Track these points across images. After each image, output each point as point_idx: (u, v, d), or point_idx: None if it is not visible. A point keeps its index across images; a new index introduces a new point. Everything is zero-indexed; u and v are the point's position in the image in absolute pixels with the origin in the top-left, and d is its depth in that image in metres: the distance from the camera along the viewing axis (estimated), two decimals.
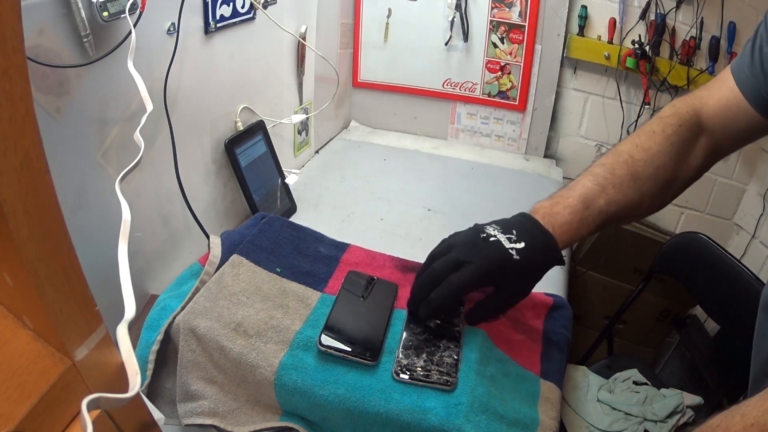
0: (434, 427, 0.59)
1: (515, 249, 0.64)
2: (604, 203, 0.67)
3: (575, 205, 0.67)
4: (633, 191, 0.68)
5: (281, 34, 1.09)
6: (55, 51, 0.61)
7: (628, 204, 0.68)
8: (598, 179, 0.68)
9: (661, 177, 0.69)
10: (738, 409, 0.46)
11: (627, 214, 0.70)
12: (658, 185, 0.69)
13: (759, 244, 1.39)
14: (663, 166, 0.69)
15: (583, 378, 1.06)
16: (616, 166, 0.69)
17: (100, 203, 0.71)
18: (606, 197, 0.67)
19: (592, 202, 0.67)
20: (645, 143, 0.69)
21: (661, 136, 0.69)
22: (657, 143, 0.69)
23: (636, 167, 0.68)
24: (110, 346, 0.39)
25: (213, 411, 0.64)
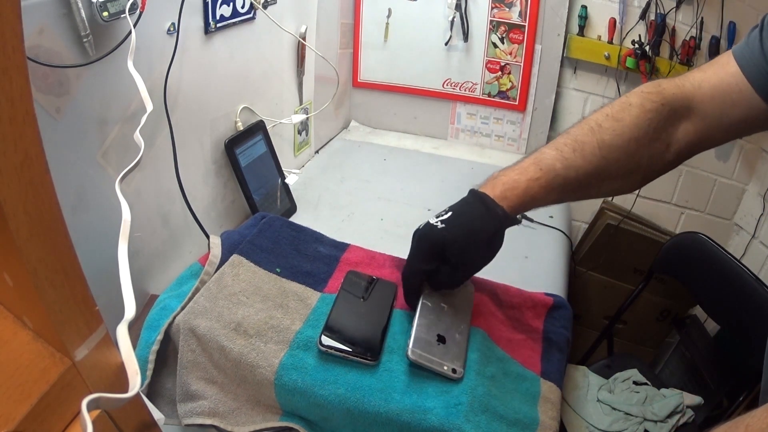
0: (434, 427, 0.59)
1: (440, 219, 0.65)
2: (562, 167, 0.64)
3: (527, 166, 0.65)
4: (597, 159, 0.65)
5: (281, 34, 1.09)
6: (55, 51, 0.61)
7: (591, 171, 0.65)
8: (557, 145, 0.66)
9: (632, 151, 0.65)
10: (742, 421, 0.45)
11: (592, 182, 0.66)
12: (628, 158, 0.66)
13: (759, 244, 1.39)
14: (635, 139, 0.65)
15: (583, 378, 1.06)
16: (580, 132, 0.66)
17: (100, 203, 0.71)
18: (564, 162, 0.64)
19: (548, 165, 0.64)
20: (618, 114, 0.66)
21: (638, 109, 0.65)
22: (632, 115, 0.65)
23: (603, 135, 0.65)
24: (110, 346, 0.39)
25: (213, 411, 0.64)
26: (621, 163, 0.65)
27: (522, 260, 1.05)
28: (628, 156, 0.65)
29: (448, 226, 0.63)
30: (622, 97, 0.68)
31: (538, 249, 1.09)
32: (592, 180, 0.66)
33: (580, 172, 0.64)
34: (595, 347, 1.33)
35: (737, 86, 0.63)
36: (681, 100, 0.66)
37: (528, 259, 1.05)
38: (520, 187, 0.64)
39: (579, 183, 0.65)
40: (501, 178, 0.65)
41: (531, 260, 1.05)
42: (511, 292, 0.81)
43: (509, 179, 0.65)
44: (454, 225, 0.64)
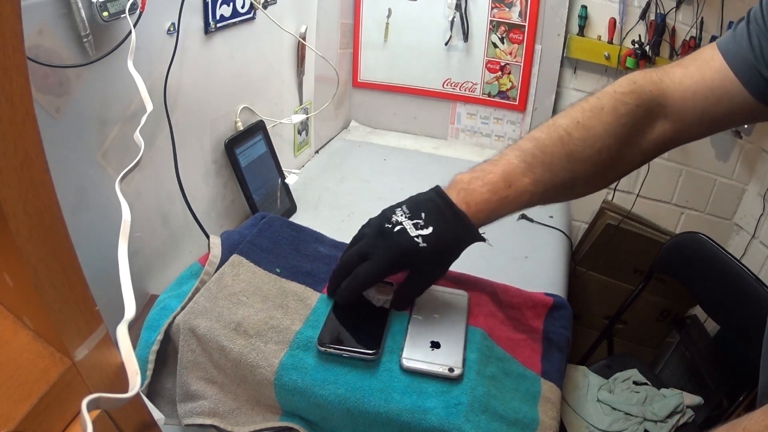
0: (434, 427, 0.59)
1: (421, 236, 0.62)
2: (530, 182, 0.62)
3: (496, 182, 0.63)
4: (565, 172, 0.63)
5: (281, 34, 1.09)
6: (55, 51, 0.61)
7: (558, 184, 0.63)
8: (526, 156, 0.63)
9: (603, 160, 0.63)
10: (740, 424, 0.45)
11: (556, 195, 0.66)
12: (597, 168, 0.63)
13: (759, 244, 1.39)
14: (606, 148, 0.62)
15: (583, 378, 1.06)
16: (549, 143, 0.63)
17: (100, 203, 0.71)
18: (533, 176, 0.62)
19: (516, 181, 0.62)
20: (588, 121, 0.62)
21: (610, 116, 0.62)
22: (603, 122, 0.62)
23: (572, 146, 0.62)
24: (110, 346, 0.39)
25: (213, 411, 0.64)
26: (590, 172, 0.64)
27: (522, 260, 1.05)
28: (597, 165, 0.63)
29: (430, 246, 0.61)
30: (593, 97, 0.65)
31: (538, 249, 1.09)
32: (559, 191, 0.65)
33: (548, 186, 0.63)
34: (595, 347, 1.33)
35: (722, 82, 0.60)
36: (658, 98, 0.63)
37: (528, 259, 1.05)
38: (490, 208, 0.63)
39: (544, 197, 0.65)
40: (473, 195, 0.63)
41: (531, 260, 1.05)
42: (511, 292, 0.81)
43: (481, 199, 0.63)
44: (436, 245, 0.62)
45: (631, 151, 0.64)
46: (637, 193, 1.52)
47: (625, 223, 1.48)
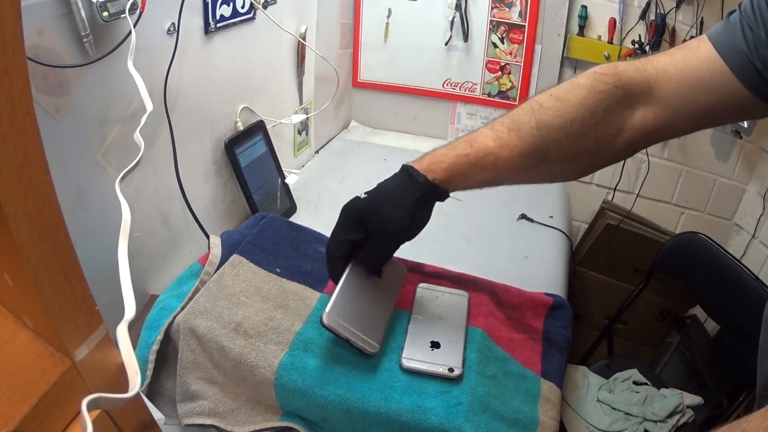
0: (434, 427, 0.59)
1: (365, 192, 0.66)
2: (494, 145, 0.63)
3: (458, 143, 0.65)
4: (534, 138, 0.62)
5: (281, 34, 1.09)
6: (55, 51, 0.61)
7: (526, 151, 0.62)
8: (494, 124, 0.65)
9: (575, 132, 0.61)
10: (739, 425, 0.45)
11: (528, 163, 0.64)
12: (570, 140, 0.62)
13: (759, 244, 1.39)
14: (578, 120, 0.61)
15: (583, 378, 1.06)
16: (520, 113, 0.64)
17: (100, 203, 0.71)
18: (498, 140, 0.63)
19: (478, 142, 0.63)
20: (562, 94, 0.62)
21: (586, 90, 0.62)
22: (578, 96, 0.62)
23: (543, 115, 0.62)
24: (110, 346, 0.39)
25: (213, 411, 0.64)
26: (561, 144, 0.62)
27: (522, 260, 1.05)
28: (569, 137, 0.62)
29: (369, 196, 0.65)
30: (573, 78, 0.65)
31: (538, 249, 1.09)
32: (528, 161, 0.63)
33: (515, 151, 0.62)
34: (595, 347, 1.33)
35: (709, 71, 0.59)
36: (640, 84, 0.62)
37: (528, 259, 1.05)
38: (447, 161, 0.63)
39: (513, 163, 0.63)
40: (429, 153, 0.65)
41: (531, 260, 1.05)
42: (511, 292, 0.81)
43: (437, 153, 0.64)
44: (376, 194, 0.65)
45: (606, 132, 0.63)
46: (637, 193, 1.52)
47: (625, 223, 1.48)
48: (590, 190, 1.58)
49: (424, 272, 0.83)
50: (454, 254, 1.02)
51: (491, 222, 1.13)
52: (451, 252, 1.03)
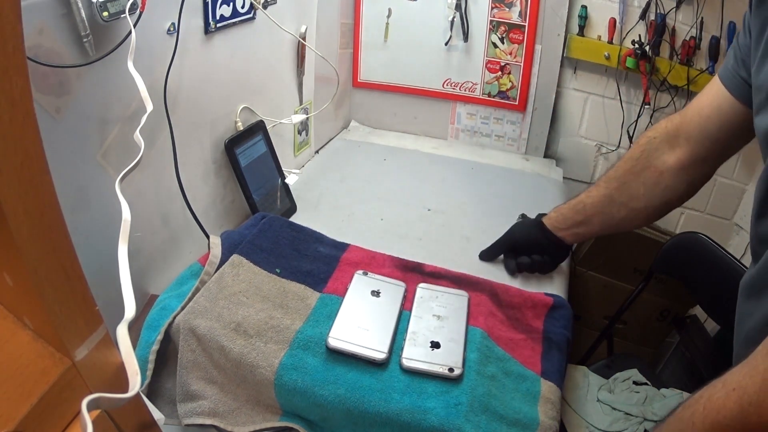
0: (434, 427, 0.59)
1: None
2: (584, 196, 0.87)
3: (564, 206, 0.93)
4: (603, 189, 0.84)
5: (281, 34, 1.09)
6: (55, 51, 0.61)
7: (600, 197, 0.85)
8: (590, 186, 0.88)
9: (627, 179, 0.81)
10: (720, 379, 0.47)
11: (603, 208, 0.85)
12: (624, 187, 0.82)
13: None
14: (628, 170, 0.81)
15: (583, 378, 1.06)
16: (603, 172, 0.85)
17: (100, 203, 0.71)
18: (587, 193, 0.87)
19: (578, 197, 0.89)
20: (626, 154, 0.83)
21: (635, 147, 0.81)
22: (628, 154, 0.82)
23: (609, 172, 0.85)
24: (110, 346, 0.39)
25: (213, 411, 0.64)
26: (621, 191, 0.82)
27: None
28: (623, 185, 0.82)
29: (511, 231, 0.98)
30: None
31: None
32: (604, 207, 0.85)
33: (596, 200, 0.85)
34: (595, 347, 1.33)
35: (717, 101, 0.69)
36: (671, 130, 0.76)
37: None
38: (566, 213, 0.91)
39: (594, 208, 0.86)
40: (555, 210, 0.94)
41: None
42: (511, 292, 0.81)
43: (559, 210, 0.93)
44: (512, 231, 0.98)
45: (650, 176, 0.79)
46: None
47: None
48: None
49: (424, 272, 0.83)
50: (454, 254, 1.02)
51: (491, 222, 1.13)
52: (451, 252, 1.03)
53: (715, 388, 0.47)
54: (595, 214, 0.86)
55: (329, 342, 0.65)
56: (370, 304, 0.72)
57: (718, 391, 0.47)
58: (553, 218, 0.92)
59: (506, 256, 0.97)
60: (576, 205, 0.88)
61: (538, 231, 0.93)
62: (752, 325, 0.62)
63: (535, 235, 0.93)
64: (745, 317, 0.65)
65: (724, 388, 0.46)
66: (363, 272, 0.78)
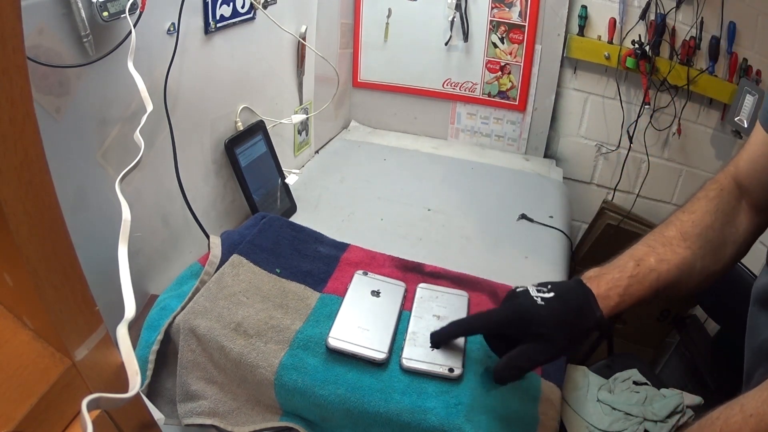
0: (434, 427, 0.59)
1: (541, 297, 0.62)
2: (655, 261, 0.65)
3: (625, 263, 0.65)
4: (683, 249, 0.67)
5: (281, 34, 1.09)
6: (55, 51, 0.61)
7: (680, 263, 0.66)
8: (648, 241, 0.69)
9: (711, 237, 0.68)
10: (737, 402, 0.47)
11: (681, 276, 0.66)
12: (708, 244, 0.68)
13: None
14: (710, 226, 0.68)
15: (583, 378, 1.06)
16: (665, 228, 0.69)
17: (100, 203, 0.71)
18: (656, 255, 0.66)
19: (643, 260, 0.65)
20: (691, 207, 0.70)
21: (704, 200, 0.70)
22: (702, 206, 0.70)
23: (684, 227, 0.68)
24: (110, 346, 0.39)
25: (213, 411, 0.64)
26: (703, 251, 0.67)
27: (522, 260, 1.05)
28: (706, 242, 0.67)
29: (547, 306, 0.62)
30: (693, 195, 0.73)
31: (538, 249, 1.09)
32: (681, 273, 0.66)
33: (671, 264, 0.66)
34: (595, 347, 1.33)
35: (761, 148, 0.65)
36: (732, 182, 0.70)
37: (528, 259, 1.05)
38: (621, 286, 0.64)
39: (669, 278, 0.65)
40: (604, 278, 0.64)
41: (531, 260, 1.05)
42: None
43: (611, 278, 0.64)
44: (555, 309, 0.62)
45: (730, 229, 0.70)
46: (637, 193, 1.52)
47: (625, 223, 1.48)
48: (590, 190, 1.58)
49: (424, 272, 0.83)
50: (454, 254, 1.02)
51: (491, 222, 1.14)
52: (451, 252, 1.03)
53: (732, 411, 0.46)
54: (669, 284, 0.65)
55: (329, 342, 0.65)
56: (370, 304, 0.72)
57: (735, 414, 0.46)
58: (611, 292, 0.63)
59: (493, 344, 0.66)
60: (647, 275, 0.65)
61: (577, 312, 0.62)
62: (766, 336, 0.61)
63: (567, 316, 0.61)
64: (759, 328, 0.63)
65: (741, 413, 0.45)
66: (363, 272, 0.78)
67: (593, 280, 0.64)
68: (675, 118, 1.40)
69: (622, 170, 1.50)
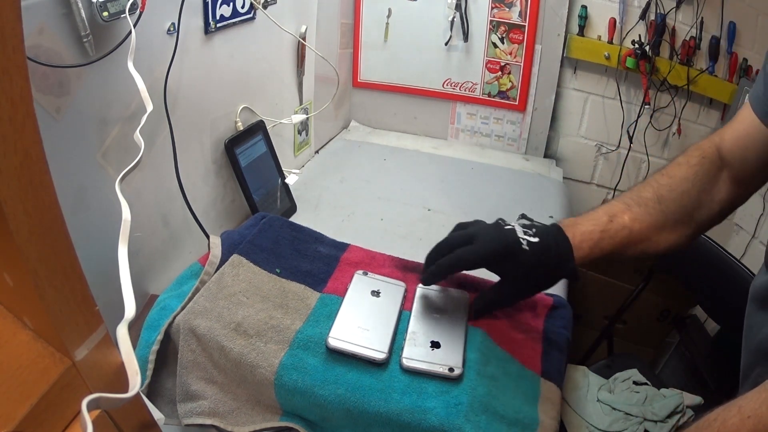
0: (434, 427, 0.59)
1: (527, 240, 0.66)
2: (629, 219, 0.69)
3: (599, 216, 0.69)
4: (657, 212, 0.69)
5: (281, 34, 1.09)
6: (55, 51, 0.61)
7: (652, 224, 0.69)
8: (624, 199, 0.71)
9: (685, 202, 0.70)
10: (735, 403, 0.47)
11: (651, 236, 0.70)
12: (682, 210, 0.70)
13: (759, 244, 1.39)
14: (687, 192, 0.70)
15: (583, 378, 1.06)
16: (642, 189, 0.71)
17: (100, 203, 0.71)
18: (630, 214, 0.69)
19: (617, 216, 0.69)
20: (671, 170, 0.72)
21: (685, 166, 0.71)
22: (681, 171, 0.71)
23: (661, 190, 0.70)
24: (110, 346, 0.39)
25: (213, 411, 0.64)
26: (676, 216, 0.70)
27: None
28: (680, 207, 0.70)
29: (531, 252, 0.66)
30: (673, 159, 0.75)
31: None
32: (651, 233, 0.70)
33: (644, 224, 0.69)
34: (595, 347, 1.33)
35: (748, 128, 0.66)
36: (714, 152, 0.71)
37: None
38: (594, 239, 0.68)
39: (640, 236, 0.69)
40: (578, 227, 0.69)
41: None
42: None
43: (585, 229, 0.68)
44: (538, 255, 0.66)
45: (706, 197, 0.71)
46: None
47: None
48: (590, 190, 1.59)
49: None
50: None
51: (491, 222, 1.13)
52: None
53: (730, 413, 0.47)
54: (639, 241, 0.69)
55: (329, 342, 0.65)
56: (370, 304, 0.72)
57: (733, 416, 0.46)
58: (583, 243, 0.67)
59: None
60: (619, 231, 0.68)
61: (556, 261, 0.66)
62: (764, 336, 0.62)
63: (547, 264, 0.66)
64: (757, 326, 0.64)
65: (739, 414, 0.46)
66: (363, 272, 0.78)
67: (569, 229, 0.68)
68: (675, 118, 1.40)
69: (622, 170, 1.50)
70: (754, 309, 0.65)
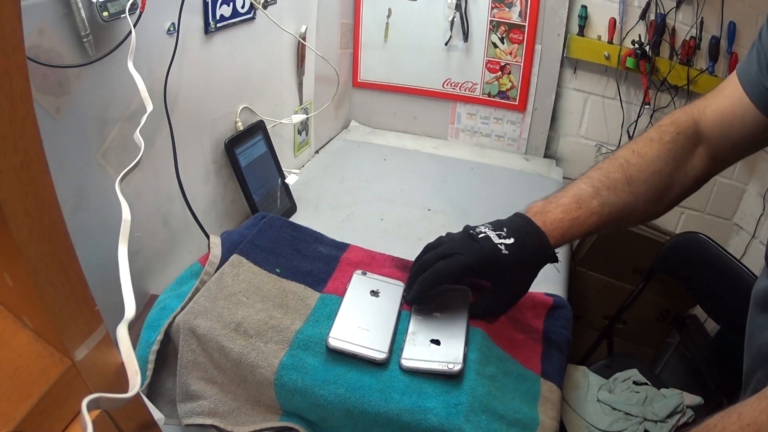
0: (434, 427, 0.59)
1: (504, 244, 0.66)
2: (598, 204, 0.68)
3: (568, 204, 0.68)
4: (627, 194, 0.68)
5: (281, 34, 1.09)
6: (55, 51, 0.61)
7: (622, 207, 0.68)
8: (593, 182, 0.70)
9: (657, 182, 0.69)
10: (735, 410, 0.46)
11: (621, 218, 0.70)
12: (653, 190, 0.69)
13: (759, 244, 1.39)
14: (658, 171, 0.69)
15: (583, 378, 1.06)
16: (612, 169, 0.70)
17: (100, 203, 0.71)
18: (599, 199, 0.68)
19: (585, 203, 0.68)
20: (642, 149, 0.70)
21: (658, 143, 0.70)
22: (653, 149, 0.69)
23: (631, 171, 0.69)
24: (110, 346, 0.39)
25: (213, 411, 0.64)
26: (647, 196, 0.69)
27: None
28: (651, 188, 0.69)
29: (511, 254, 0.66)
30: (644, 133, 0.73)
31: None
32: (622, 215, 0.69)
33: (613, 208, 0.68)
34: (595, 347, 1.33)
35: (734, 105, 0.66)
36: (692, 127, 0.70)
37: None
38: (564, 227, 0.68)
39: (611, 219, 0.69)
40: (548, 216, 0.68)
41: None
42: None
43: (555, 218, 0.68)
44: (518, 255, 0.66)
45: (679, 174, 0.70)
46: None
47: None
48: None
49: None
50: None
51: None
52: None
53: (730, 419, 0.47)
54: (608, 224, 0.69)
55: (329, 342, 0.65)
56: (369, 304, 0.72)
57: (733, 423, 0.46)
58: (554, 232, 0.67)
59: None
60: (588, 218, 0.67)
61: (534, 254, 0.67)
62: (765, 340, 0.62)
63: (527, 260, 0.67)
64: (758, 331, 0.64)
65: (739, 421, 0.46)
66: (362, 272, 0.78)
67: (538, 217, 0.69)
68: None
69: None
70: (756, 313, 0.65)
